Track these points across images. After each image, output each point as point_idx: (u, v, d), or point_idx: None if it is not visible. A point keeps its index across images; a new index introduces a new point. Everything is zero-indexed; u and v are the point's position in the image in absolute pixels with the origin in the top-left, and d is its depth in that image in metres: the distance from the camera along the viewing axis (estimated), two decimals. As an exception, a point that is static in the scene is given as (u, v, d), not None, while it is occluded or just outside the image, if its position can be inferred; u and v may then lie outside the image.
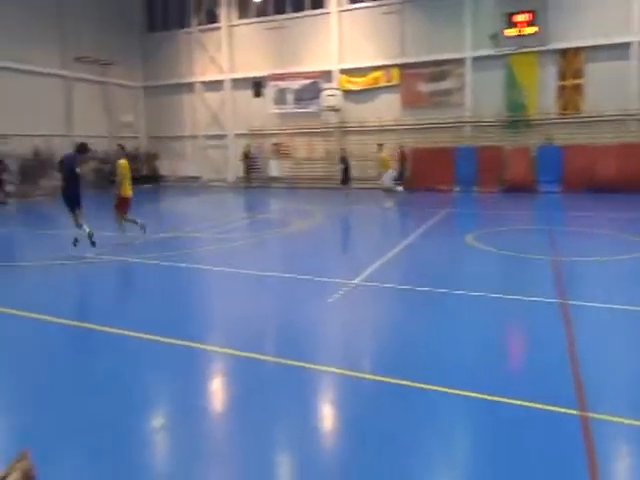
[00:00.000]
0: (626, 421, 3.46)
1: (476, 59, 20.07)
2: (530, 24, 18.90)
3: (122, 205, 10.36)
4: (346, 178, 17.27)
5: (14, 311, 6.05)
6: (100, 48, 24.15)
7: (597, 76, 18.46)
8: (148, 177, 25.40)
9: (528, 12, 18.82)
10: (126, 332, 5.34)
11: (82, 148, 9.55)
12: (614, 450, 3.27)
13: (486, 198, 17.34)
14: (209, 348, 5.03)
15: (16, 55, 20.56)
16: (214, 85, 25.30)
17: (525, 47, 19.12)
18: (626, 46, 18.13)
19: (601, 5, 18.26)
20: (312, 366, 4.49)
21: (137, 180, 20.33)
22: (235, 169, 25.17)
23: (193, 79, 25.74)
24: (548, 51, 19.12)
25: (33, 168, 20.69)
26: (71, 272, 8.40)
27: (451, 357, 4.64)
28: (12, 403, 4.03)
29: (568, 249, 9.24)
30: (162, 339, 5.15)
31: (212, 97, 25.54)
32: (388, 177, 16.76)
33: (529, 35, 18.94)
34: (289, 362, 4.56)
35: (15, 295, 6.98)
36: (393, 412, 3.69)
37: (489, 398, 3.80)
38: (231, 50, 24.74)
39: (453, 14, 20.06)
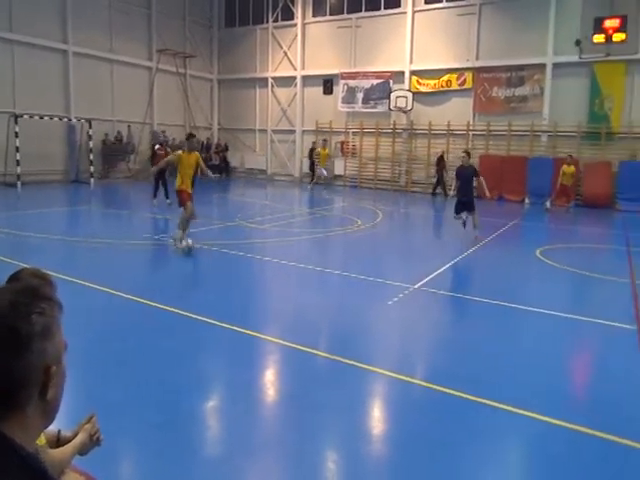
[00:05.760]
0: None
1: (557, 65, 19.14)
2: (618, 30, 17.76)
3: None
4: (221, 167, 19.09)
5: (90, 284, 6.49)
6: (181, 41, 25.27)
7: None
8: (219, 167, 26.16)
9: (618, 17, 17.72)
10: (183, 312, 5.60)
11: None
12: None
13: (559, 212, 16.56)
14: (266, 337, 5.19)
15: (106, 46, 21.87)
16: (285, 81, 25.71)
17: (612, 55, 18.04)
18: None
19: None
20: (365, 366, 4.55)
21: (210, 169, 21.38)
22: (301, 164, 25.50)
23: (266, 74, 26.27)
24: (638, 60, 17.97)
25: (114, 151, 21.91)
26: (139, 252, 8.89)
27: (507, 372, 4.57)
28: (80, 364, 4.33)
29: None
30: (218, 323, 5.38)
31: (283, 92, 25.96)
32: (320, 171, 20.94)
33: (618, 42, 17.82)
34: (343, 360, 4.64)
35: (89, 268, 7.48)
36: (438, 418, 3.72)
37: (538, 417, 3.72)
38: (304, 47, 25.04)
39: (535, 17, 19.25)
